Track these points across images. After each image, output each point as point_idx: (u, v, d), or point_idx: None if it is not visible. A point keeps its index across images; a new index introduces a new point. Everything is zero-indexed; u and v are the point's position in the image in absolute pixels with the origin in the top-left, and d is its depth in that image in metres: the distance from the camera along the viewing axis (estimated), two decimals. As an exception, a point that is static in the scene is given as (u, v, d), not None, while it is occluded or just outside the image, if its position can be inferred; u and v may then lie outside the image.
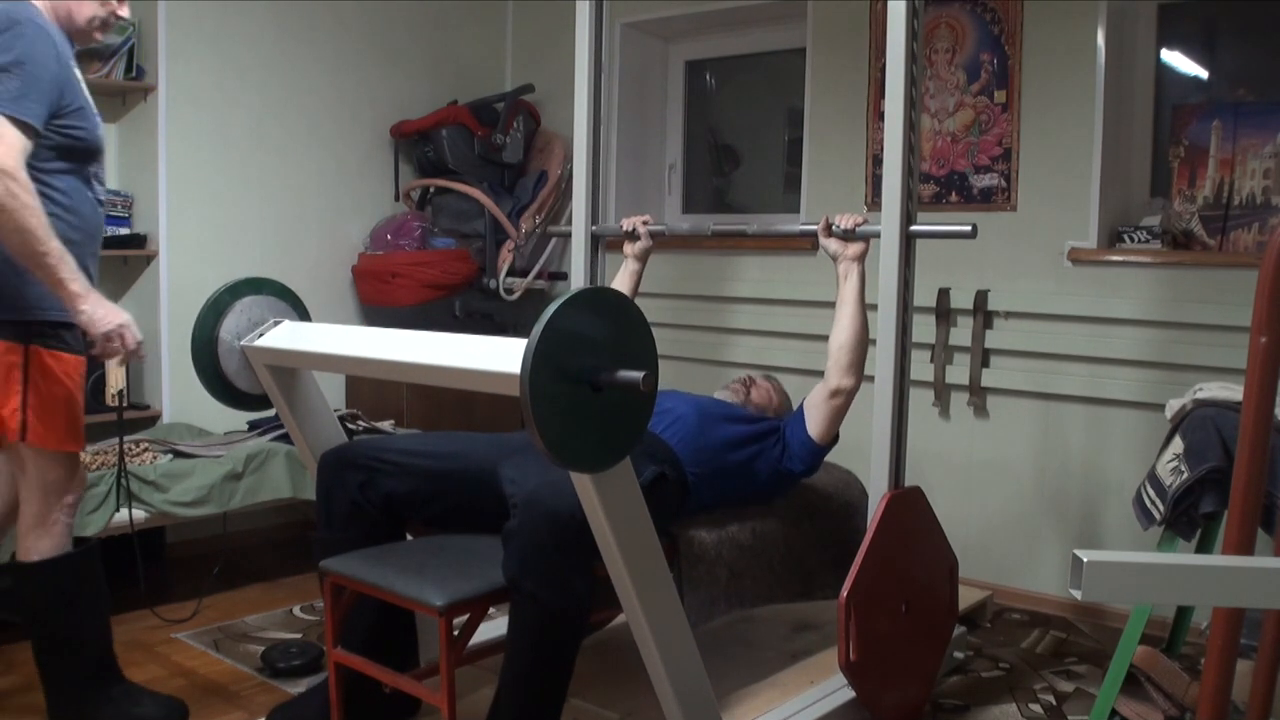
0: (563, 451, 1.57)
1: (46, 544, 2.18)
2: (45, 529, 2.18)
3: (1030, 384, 3.25)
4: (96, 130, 2.19)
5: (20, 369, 2.08)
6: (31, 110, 1.98)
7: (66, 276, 1.98)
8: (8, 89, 1.95)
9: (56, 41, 2.06)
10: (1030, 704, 2.52)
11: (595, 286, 1.77)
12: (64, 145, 2.09)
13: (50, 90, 2.02)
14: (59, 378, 2.12)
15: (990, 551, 3.32)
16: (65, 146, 2.09)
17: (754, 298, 3.84)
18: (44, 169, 2.04)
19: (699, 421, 2.30)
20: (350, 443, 2.30)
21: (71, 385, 2.15)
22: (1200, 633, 2.74)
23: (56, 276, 1.97)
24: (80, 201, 2.14)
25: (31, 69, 1.98)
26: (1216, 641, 1.38)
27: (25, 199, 1.92)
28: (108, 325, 2.02)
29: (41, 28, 2.03)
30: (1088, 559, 1.03)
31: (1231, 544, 1.36)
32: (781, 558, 2.38)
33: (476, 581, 1.92)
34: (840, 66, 3.60)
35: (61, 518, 2.19)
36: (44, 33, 2.03)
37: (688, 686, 1.88)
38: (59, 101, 2.05)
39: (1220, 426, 2.13)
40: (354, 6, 3.99)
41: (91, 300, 2.02)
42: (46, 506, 2.17)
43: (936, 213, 3.38)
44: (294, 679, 2.60)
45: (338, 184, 4.04)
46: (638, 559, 1.75)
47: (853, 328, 2.33)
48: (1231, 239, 3.03)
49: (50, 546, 2.19)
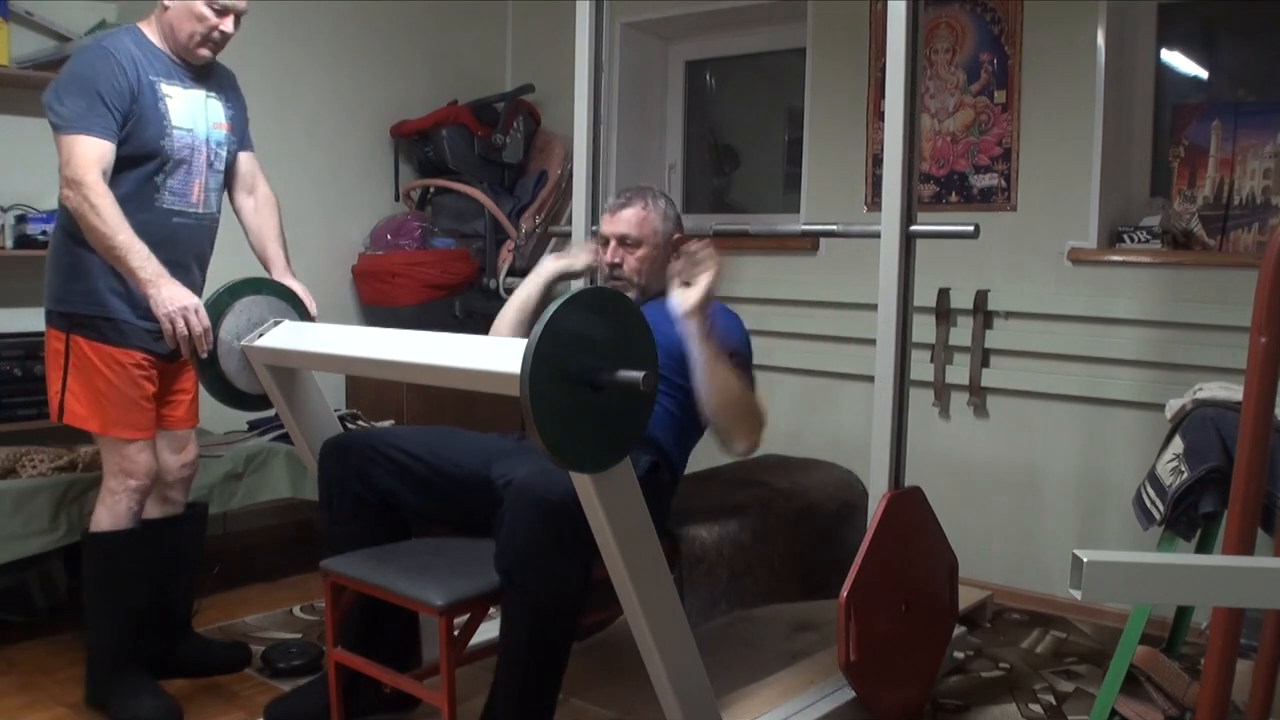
0: (563, 451, 1.57)
1: (105, 517, 2.37)
2: (106, 505, 2.38)
3: (1030, 384, 3.25)
4: (159, 139, 2.33)
5: (63, 355, 2.32)
6: (98, 124, 2.20)
7: (135, 265, 2.19)
8: (75, 109, 2.20)
9: (122, 59, 2.26)
10: (1030, 704, 2.52)
11: (595, 287, 1.77)
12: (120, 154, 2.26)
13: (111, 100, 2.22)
14: (98, 368, 2.31)
15: (990, 551, 3.32)
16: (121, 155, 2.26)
17: (754, 298, 3.84)
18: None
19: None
20: (350, 431, 2.29)
21: (112, 376, 2.32)
22: (1200, 633, 2.74)
23: (126, 266, 2.20)
24: (138, 206, 2.28)
25: (88, 85, 2.21)
26: (1216, 641, 1.38)
27: (95, 201, 2.16)
28: (169, 307, 2.17)
29: (105, 50, 2.26)
30: (1088, 559, 1.03)
31: (1231, 544, 1.36)
32: (782, 558, 2.38)
33: (476, 581, 1.92)
34: (840, 66, 3.60)
35: (124, 498, 2.37)
36: (105, 53, 2.25)
37: (688, 686, 1.88)
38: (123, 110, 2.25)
39: (1220, 426, 2.13)
40: (354, 6, 3.99)
41: (159, 285, 2.19)
42: (112, 483, 2.37)
43: (936, 213, 3.38)
44: (294, 679, 2.60)
45: (338, 184, 4.04)
46: (638, 559, 1.75)
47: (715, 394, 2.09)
48: (1231, 239, 3.03)
49: (107, 521, 2.37)
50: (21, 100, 3.32)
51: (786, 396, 3.78)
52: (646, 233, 2.31)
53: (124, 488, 2.37)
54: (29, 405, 3.06)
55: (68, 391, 2.33)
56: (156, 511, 2.54)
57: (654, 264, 2.31)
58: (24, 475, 2.75)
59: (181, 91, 2.37)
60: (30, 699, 2.48)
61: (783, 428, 3.79)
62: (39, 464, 2.78)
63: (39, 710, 2.44)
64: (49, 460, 2.80)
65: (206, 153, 2.43)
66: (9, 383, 3.03)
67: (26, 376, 3.06)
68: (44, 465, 2.78)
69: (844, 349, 3.56)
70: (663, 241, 2.33)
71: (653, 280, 2.32)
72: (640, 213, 2.30)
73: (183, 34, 2.33)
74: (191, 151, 2.39)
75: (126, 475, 2.37)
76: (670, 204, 2.39)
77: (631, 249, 2.30)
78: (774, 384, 3.82)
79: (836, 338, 3.59)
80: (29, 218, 3.20)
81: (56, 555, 2.94)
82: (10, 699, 2.48)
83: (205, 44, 2.36)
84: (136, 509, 2.40)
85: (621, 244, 2.30)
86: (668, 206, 2.37)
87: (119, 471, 2.37)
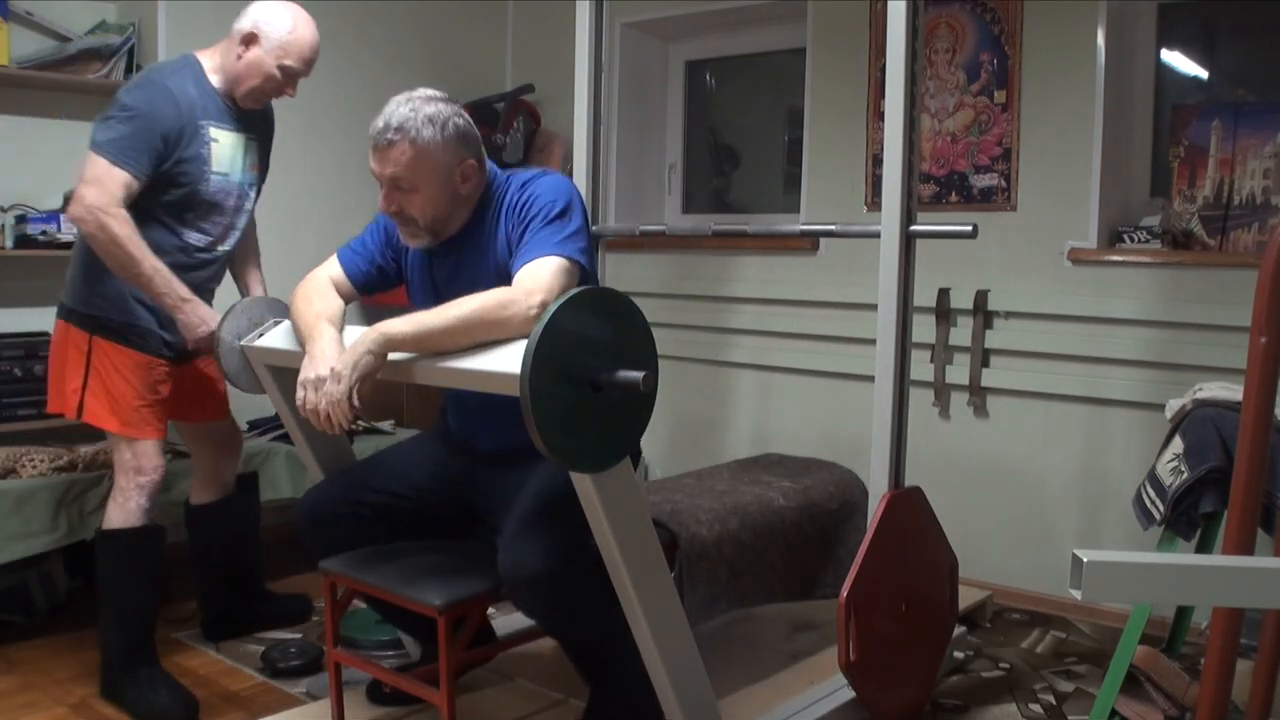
0: (563, 451, 1.57)
1: (116, 515, 2.42)
2: (117, 502, 2.42)
3: (1030, 384, 3.25)
4: (197, 183, 2.38)
5: (84, 355, 2.37)
6: (133, 159, 2.23)
7: (160, 291, 2.27)
8: (118, 138, 2.23)
9: (180, 102, 2.30)
10: (1030, 704, 2.52)
11: (595, 287, 1.77)
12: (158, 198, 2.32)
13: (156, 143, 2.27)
14: (120, 369, 2.38)
15: (990, 551, 3.32)
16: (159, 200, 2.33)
17: (754, 298, 3.84)
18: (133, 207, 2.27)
19: None
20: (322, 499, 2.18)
21: (132, 378, 2.39)
22: (1200, 633, 2.74)
23: (153, 291, 2.28)
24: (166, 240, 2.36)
25: (142, 121, 2.25)
26: (1216, 641, 1.38)
27: (115, 230, 2.20)
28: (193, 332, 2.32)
29: (168, 91, 2.30)
30: (1088, 559, 1.03)
31: (1231, 544, 1.36)
32: (782, 557, 2.38)
33: (475, 581, 1.92)
34: (840, 66, 3.60)
35: (134, 495, 2.41)
36: (167, 94, 2.29)
37: (688, 686, 1.88)
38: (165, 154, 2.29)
39: (1220, 426, 2.13)
40: (354, 6, 3.99)
41: (185, 309, 2.30)
42: (122, 481, 2.42)
43: (936, 213, 3.38)
44: (294, 679, 2.60)
45: (338, 184, 4.03)
46: (638, 559, 1.75)
47: (453, 340, 1.81)
48: (1231, 239, 3.03)
49: (118, 519, 2.41)
50: (21, 100, 3.32)
51: (786, 396, 3.78)
52: (422, 176, 1.93)
53: (134, 485, 2.41)
54: (29, 405, 3.06)
55: (89, 391, 2.38)
56: (215, 496, 2.75)
57: (442, 202, 1.97)
58: (24, 475, 2.75)
59: (226, 135, 2.43)
60: (30, 699, 2.49)
61: (783, 428, 3.79)
62: (39, 464, 2.78)
63: (39, 710, 2.44)
64: (49, 460, 2.80)
65: (238, 195, 2.50)
66: (9, 383, 3.04)
67: (26, 376, 3.06)
68: (44, 465, 2.78)
69: (844, 349, 3.56)
70: (447, 176, 1.95)
71: (448, 218, 2.01)
72: (409, 150, 1.90)
73: (246, 85, 2.39)
74: (225, 195, 2.45)
75: (136, 473, 2.41)
76: (451, 117, 1.94)
77: (408, 193, 1.94)
78: (774, 384, 3.83)
79: (836, 338, 3.59)
80: (29, 218, 3.20)
81: (56, 555, 2.95)
82: (10, 699, 2.48)
83: (263, 100, 2.46)
84: (147, 505, 2.44)
85: (395, 187, 1.94)
86: (444, 125, 1.92)
87: (130, 469, 2.41)
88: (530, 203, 1.96)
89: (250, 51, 2.36)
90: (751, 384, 3.89)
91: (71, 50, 3.31)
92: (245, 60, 2.36)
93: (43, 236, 3.17)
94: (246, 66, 2.36)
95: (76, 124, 3.48)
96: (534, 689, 2.36)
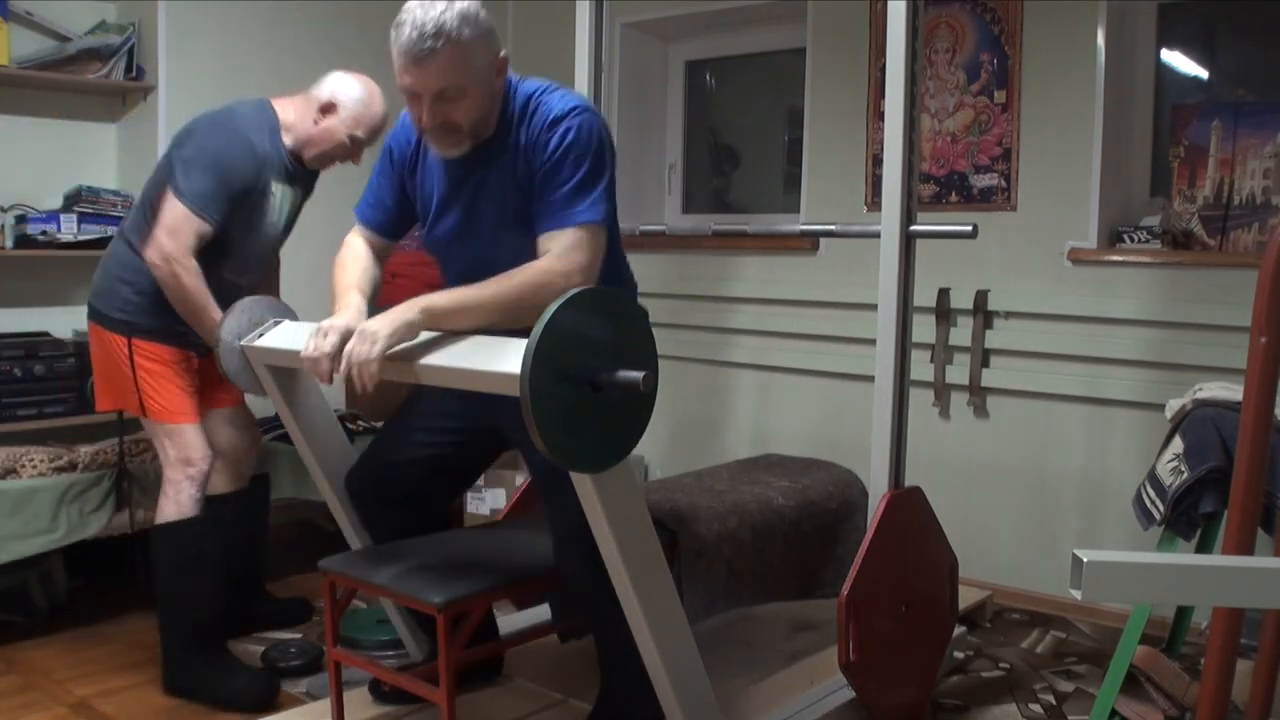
0: (563, 451, 1.57)
1: (170, 509, 2.49)
2: (169, 496, 2.49)
3: (1030, 384, 3.25)
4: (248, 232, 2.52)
5: (127, 358, 2.49)
6: (212, 211, 2.39)
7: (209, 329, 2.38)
8: (201, 190, 2.37)
9: (258, 155, 2.44)
10: (1030, 704, 2.52)
11: (595, 286, 1.77)
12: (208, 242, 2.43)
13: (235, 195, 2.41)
14: (164, 363, 2.50)
15: (990, 551, 3.32)
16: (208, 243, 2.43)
17: (754, 298, 3.84)
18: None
19: None
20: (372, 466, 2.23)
21: (174, 371, 2.51)
22: (1200, 633, 2.74)
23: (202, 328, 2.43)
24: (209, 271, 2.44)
25: (224, 172, 2.39)
26: (1216, 641, 1.38)
27: (185, 281, 2.38)
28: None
29: (248, 144, 2.43)
30: (1088, 559, 1.03)
31: (1231, 544, 1.36)
32: (781, 556, 2.38)
33: (476, 580, 1.92)
34: (840, 66, 3.60)
35: (186, 486, 2.49)
36: (246, 147, 2.43)
37: (688, 686, 1.88)
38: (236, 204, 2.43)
39: (1220, 426, 2.13)
40: (354, 6, 3.99)
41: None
42: (173, 474, 2.50)
43: (936, 213, 3.38)
44: (294, 679, 2.60)
45: (338, 184, 4.02)
46: (638, 559, 1.75)
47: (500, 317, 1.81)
48: (1231, 239, 3.03)
49: (173, 511, 2.48)
50: (21, 100, 3.33)
51: (786, 396, 3.78)
52: (469, 79, 1.80)
53: (184, 476, 2.49)
54: (29, 405, 3.06)
55: (144, 394, 2.50)
56: (230, 486, 2.77)
57: (485, 102, 1.87)
58: (24, 475, 2.75)
59: (281, 188, 2.55)
60: (30, 699, 2.49)
61: (783, 428, 3.79)
62: (39, 464, 2.78)
63: (39, 710, 2.44)
64: (49, 460, 2.80)
65: (275, 239, 2.65)
66: (9, 383, 3.04)
67: (26, 376, 3.06)
68: (44, 465, 2.78)
69: (844, 349, 3.56)
70: (488, 73, 1.85)
71: (488, 117, 1.91)
72: (453, 55, 1.76)
73: (317, 150, 2.53)
74: (265, 239, 2.59)
75: (185, 464, 2.49)
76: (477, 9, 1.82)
77: (455, 100, 1.82)
78: (774, 384, 3.83)
79: (836, 338, 3.59)
80: (29, 218, 3.20)
81: (56, 555, 2.95)
82: (10, 699, 2.48)
83: (328, 164, 2.59)
84: (199, 495, 2.52)
85: (440, 99, 1.81)
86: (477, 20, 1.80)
87: (178, 461, 2.50)
88: (563, 149, 1.86)
89: (326, 120, 2.50)
90: (751, 384, 3.89)
91: (71, 50, 3.31)
92: (321, 127, 2.51)
93: (43, 236, 3.17)
94: (321, 133, 2.51)
95: (76, 124, 3.48)
96: (534, 689, 2.36)
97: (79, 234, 3.23)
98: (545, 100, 1.92)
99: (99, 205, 3.32)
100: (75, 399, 3.13)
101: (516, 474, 3.57)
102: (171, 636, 2.51)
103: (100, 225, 3.29)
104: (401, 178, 2.11)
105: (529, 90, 1.95)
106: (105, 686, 2.57)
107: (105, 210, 3.34)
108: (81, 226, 3.25)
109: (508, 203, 1.92)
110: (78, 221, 3.25)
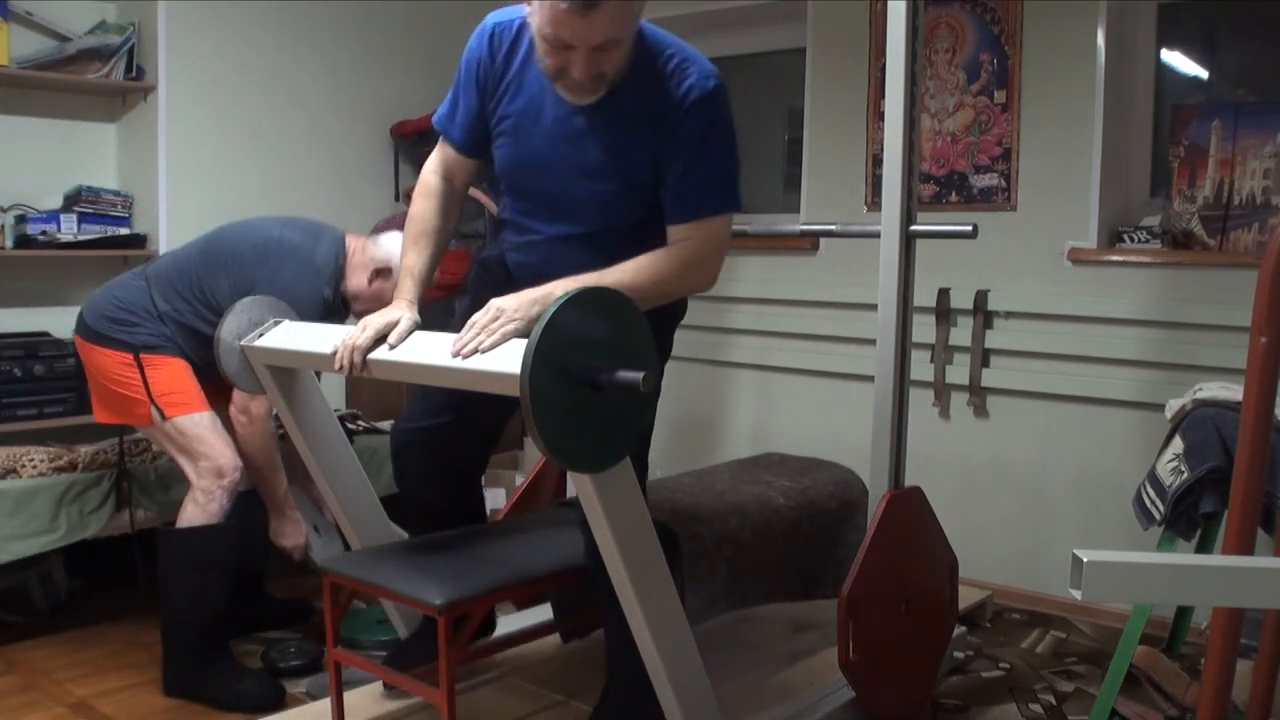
0: (563, 452, 1.57)
1: (197, 515, 2.50)
2: (199, 503, 2.51)
3: (1030, 384, 3.25)
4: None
5: (137, 371, 2.52)
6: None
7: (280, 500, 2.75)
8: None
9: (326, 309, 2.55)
10: (1030, 704, 2.52)
11: (595, 286, 1.77)
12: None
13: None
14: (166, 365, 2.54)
15: (990, 551, 3.32)
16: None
17: (754, 298, 3.84)
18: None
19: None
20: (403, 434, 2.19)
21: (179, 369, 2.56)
22: (1200, 633, 2.74)
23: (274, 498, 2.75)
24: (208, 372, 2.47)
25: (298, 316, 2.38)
26: (1216, 641, 1.38)
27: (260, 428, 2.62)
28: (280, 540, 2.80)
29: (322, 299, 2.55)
30: (1088, 559, 1.03)
31: (1231, 544, 1.36)
32: (782, 556, 2.38)
33: (476, 580, 1.92)
34: (840, 66, 3.60)
35: (218, 496, 2.51)
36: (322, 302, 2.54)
37: (688, 686, 1.88)
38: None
39: (1220, 426, 2.13)
40: (354, 6, 3.99)
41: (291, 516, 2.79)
42: (204, 483, 2.51)
43: (936, 213, 3.38)
44: (294, 678, 2.60)
45: (338, 184, 4.03)
46: (638, 559, 1.75)
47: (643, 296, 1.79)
48: (1231, 239, 3.03)
49: (200, 518, 2.50)
50: (21, 100, 3.33)
51: (787, 396, 3.78)
52: (626, 29, 1.75)
53: (218, 486, 2.51)
54: (29, 405, 3.06)
55: (156, 398, 2.52)
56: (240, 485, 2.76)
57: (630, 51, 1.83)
58: (24, 475, 2.75)
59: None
60: (30, 699, 2.49)
61: (783, 428, 3.79)
62: (39, 464, 2.78)
63: (39, 710, 2.44)
64: (49, 460, 2.80)
65: None
66: (9, 383, 3.04)
67: (26, 376, 3.06)
68: (44, 465, 2.79)
69: (844, 349, 3.56)
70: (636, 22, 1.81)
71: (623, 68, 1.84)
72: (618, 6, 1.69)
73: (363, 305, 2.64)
74: None
75: (217, 475, 2.51)
76: None
77: (610, 51, 1.75)
78: (774, 384, 3.82)
79: (836, 338, 3.59)
80: (29, 218, 3.20)
81: (56, 555, 2.95)
82: (10, 699, 2.48)
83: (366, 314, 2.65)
84: (228, 505, 2.53)
85: (599, 50, 1.73)
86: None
87: (210, 472, 2.51)
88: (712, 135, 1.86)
89: (379, 282, 2.65)
90: (751, 384, 3.89)
91: (71, 50, 3.31)
92: (374, 288, 2.65)
93: (43, 236, 3.17)
94: (372, 294, 2.64)
95: (76, 124, 3.48)
96: (534, 689, 2.36)
97: (79, 234, 3.23)
98: (683, 65, 1.87)
99: (99, 205, 3.32)
100: (75, 399, 3.13)
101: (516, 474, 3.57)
102: (175, 639, 2.51)
103: (100, 225, 3.30)
104: (484, 97, 2.02)
105: (659, 41, 1.89)
106: (105, 686, 2.57)
107: (105, 210, 3.34)
108: (81, 226, 3.25)
109: (618, 151, 1.85)
110: (78, 221, 3.25)
